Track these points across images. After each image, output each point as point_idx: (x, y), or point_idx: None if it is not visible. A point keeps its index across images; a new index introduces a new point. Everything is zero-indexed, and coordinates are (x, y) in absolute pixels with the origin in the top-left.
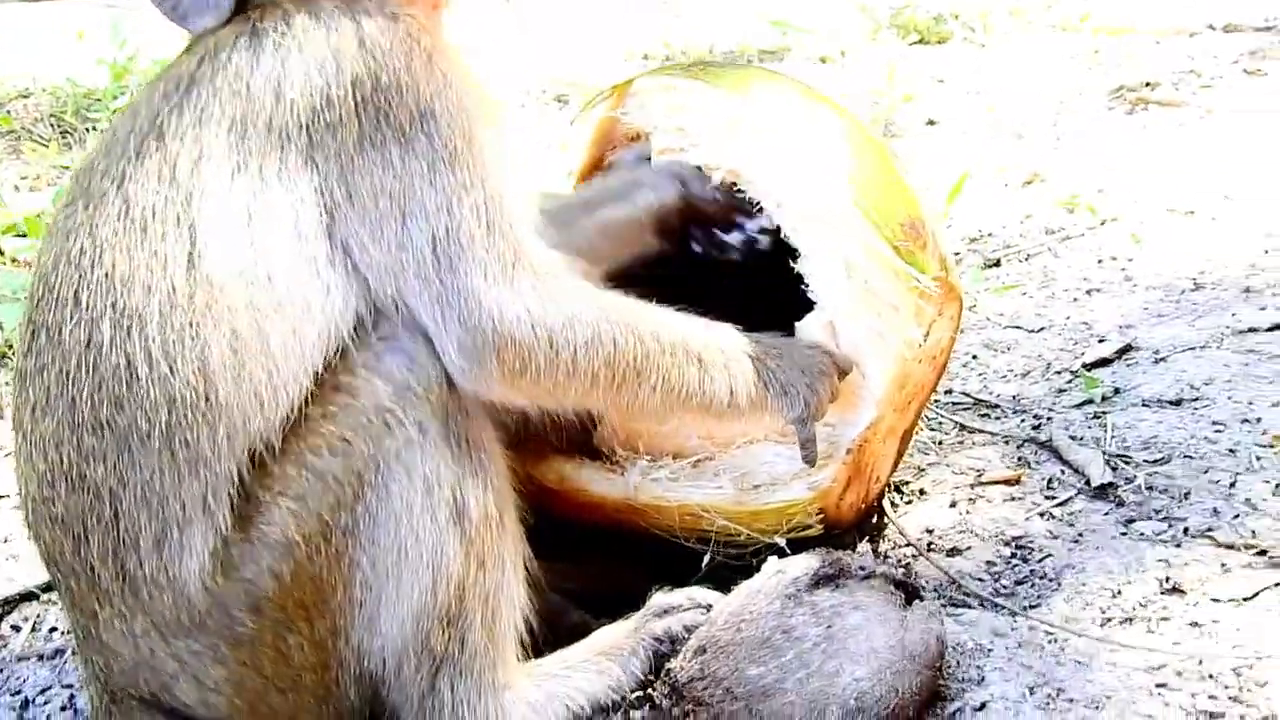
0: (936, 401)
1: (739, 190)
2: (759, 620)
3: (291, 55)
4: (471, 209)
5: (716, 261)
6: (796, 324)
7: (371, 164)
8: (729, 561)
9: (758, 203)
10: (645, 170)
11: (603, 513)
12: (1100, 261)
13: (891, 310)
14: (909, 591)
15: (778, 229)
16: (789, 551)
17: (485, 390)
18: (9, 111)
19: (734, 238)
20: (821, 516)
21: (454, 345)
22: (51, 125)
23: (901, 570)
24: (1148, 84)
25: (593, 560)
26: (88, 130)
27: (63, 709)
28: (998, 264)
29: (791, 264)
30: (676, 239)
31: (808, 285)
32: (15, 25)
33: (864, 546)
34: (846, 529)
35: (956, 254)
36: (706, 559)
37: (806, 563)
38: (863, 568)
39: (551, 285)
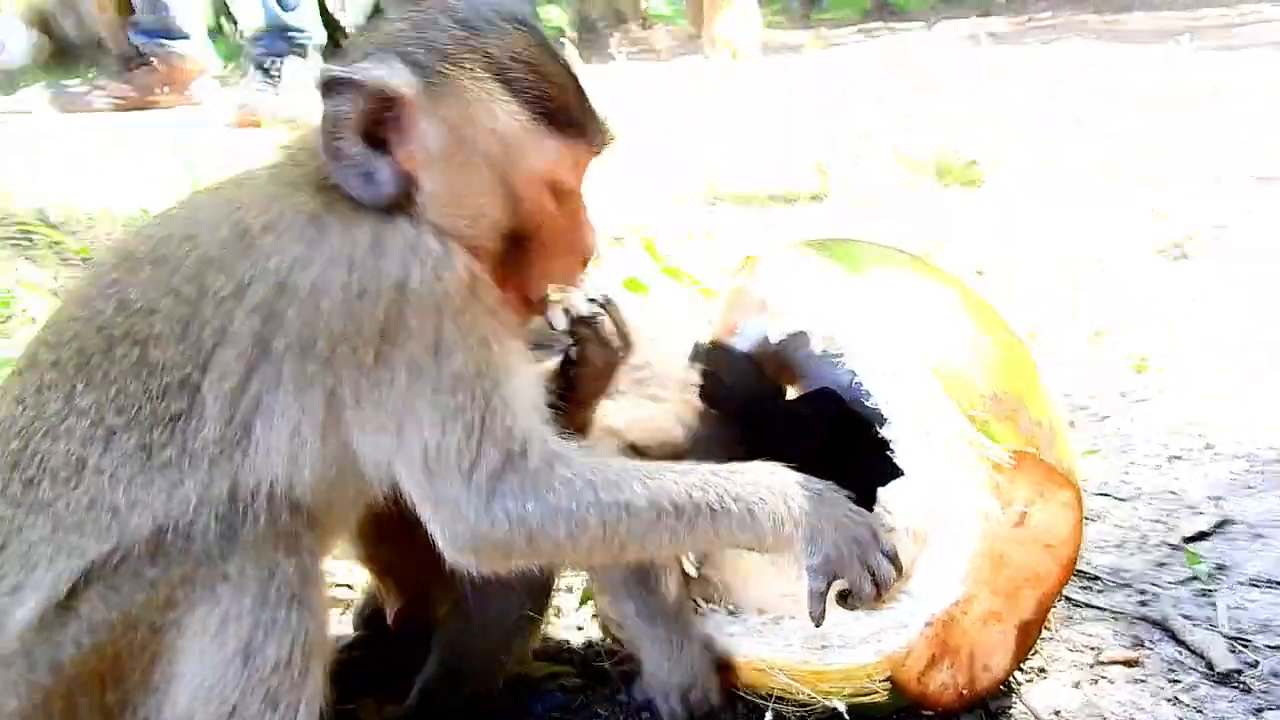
0: None
1: (836, 355)
2: None
3: (338, 266)
4: (465, 425)
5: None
6: (879, 489)
7: (380, 381)
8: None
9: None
10: None
11: None
12: (1176, 429)
13: (967, 481)
14: None
15: None
16: (847, 718)
17: (472, 569)
18: (78, 236)
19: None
20: (889, 685)
21: (438, 534)
22: None
23: None
24: (1189, 236)
25: None
26: None
27: None
28: (1071, 425)
29: (877, 430)
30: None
31: (893, 452)
32: (77, 142)
33: None
34: (946, 712)
35: None
36: (769, 716)
37: None
38: None
39: (543, 480)
